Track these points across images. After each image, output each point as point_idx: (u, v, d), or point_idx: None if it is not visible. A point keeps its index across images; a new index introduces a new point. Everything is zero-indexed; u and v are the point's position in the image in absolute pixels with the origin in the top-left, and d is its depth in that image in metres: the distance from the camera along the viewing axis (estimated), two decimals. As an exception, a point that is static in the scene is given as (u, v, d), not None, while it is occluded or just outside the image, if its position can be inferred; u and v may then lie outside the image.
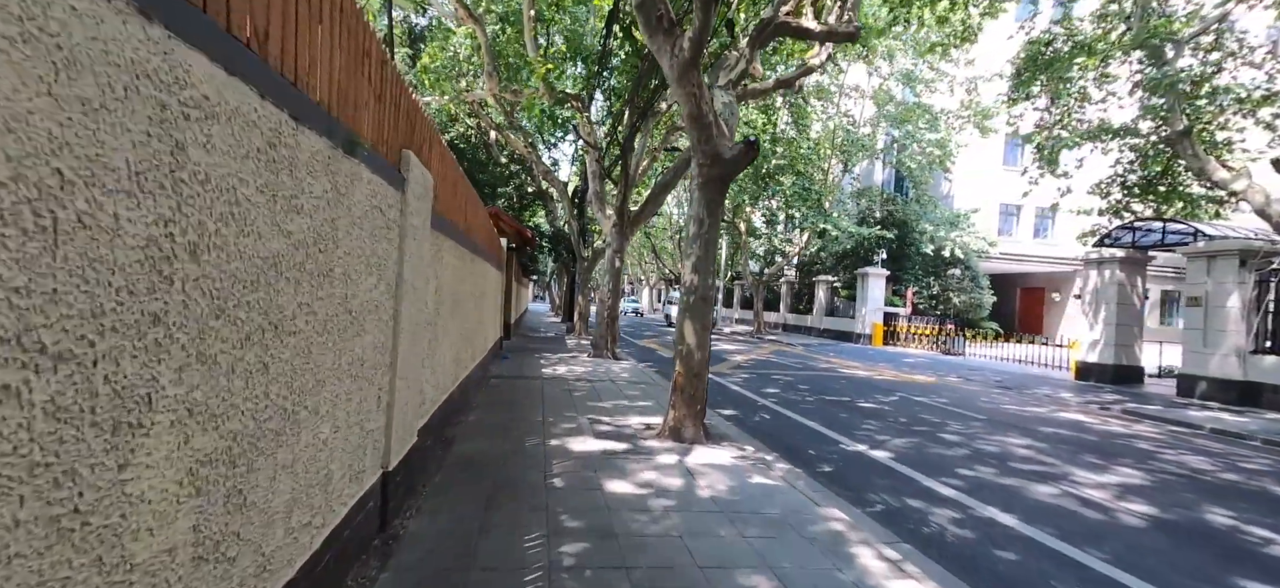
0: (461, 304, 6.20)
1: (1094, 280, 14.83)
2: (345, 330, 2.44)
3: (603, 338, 13.16)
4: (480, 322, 8.42)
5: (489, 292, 9.72)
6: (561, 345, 16.09)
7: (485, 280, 8.99)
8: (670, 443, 5.65)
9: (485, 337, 9.38)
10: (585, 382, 9.37)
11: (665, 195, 13.30)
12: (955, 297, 25.88)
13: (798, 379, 12.16)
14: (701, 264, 5.90)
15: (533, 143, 20.92)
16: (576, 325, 20.26)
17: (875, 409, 8.97)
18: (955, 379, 14.15)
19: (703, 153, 5.70)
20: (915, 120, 24.64)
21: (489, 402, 7.21)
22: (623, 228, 13.20)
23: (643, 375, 10.58)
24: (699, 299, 5.90)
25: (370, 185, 2.64)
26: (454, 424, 5.72)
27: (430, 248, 3.99)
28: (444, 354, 5.20)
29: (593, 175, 13.69)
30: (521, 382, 8.99)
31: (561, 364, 11.55)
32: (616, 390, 8.67)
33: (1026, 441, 7.28)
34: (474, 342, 7.68)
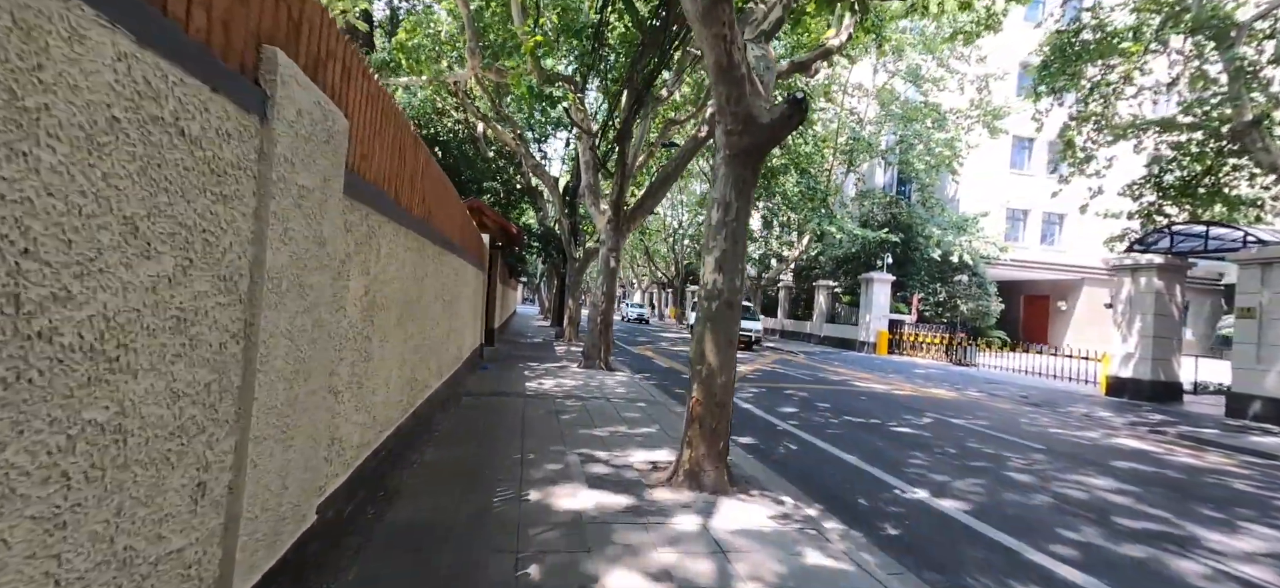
0: (419, 310, 4.86)
1: (1128, 288, 13.69)
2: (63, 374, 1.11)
3: (595, 346, 11.83)
4: (451, 331, 7.07)
5: (464, 294, 8.37)
6: (550, 353, 14.73)
7: (459, 281, 7.66)
8: (687, 494, 4.33)
9: (459, 346, 8.02)
10: (575, 400, 8.04)
11: (665, 189, 12.01)
12: (963, 304, 24.79)
13: (814, 396, 10.88)
14: (727, 261, 4.59)
15: (522, 135, 19.58)
16: (566, 331, 18.91)
17: (914, 436, 7.70)
18: (978, 395, 12.95)
19: (732, 116, 4.39)
20: (922, 119, 23.54)
21: (456, 430, 5.85)
22: (618, 224, 11.88)
23: (641, 390, 9.26)
24: (723, 305, 4.59)
25: (147, 75, 1.31)
26: (401, 468, 4.37)
27: (341, 225, 2.66)
28: (386, 378, 3.86)
29: (586, 166, 12.37)
30: (500, 400, 7.64)
31: (548, 377, 10.20)
32: (612, 412, 7.33)
33: (1107, 481, 6.03)
34: (441, 354, 6.33)
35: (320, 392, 2.48)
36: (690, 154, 11.60)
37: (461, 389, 8.08)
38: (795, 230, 29.55)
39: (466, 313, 8.88)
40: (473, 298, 9.86)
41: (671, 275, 49.29)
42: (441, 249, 5.82)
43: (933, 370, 18.56)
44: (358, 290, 3.10)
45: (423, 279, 4.95)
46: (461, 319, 8.22)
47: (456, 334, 7.69)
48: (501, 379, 9.50)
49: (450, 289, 6.78)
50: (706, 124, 11.23)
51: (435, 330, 5.85)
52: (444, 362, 6.67)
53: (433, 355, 5.78)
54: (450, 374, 7.25)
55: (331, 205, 2.45)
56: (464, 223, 7.88)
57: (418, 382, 5.04)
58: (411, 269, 4.47)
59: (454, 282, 7.06)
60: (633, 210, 12.03)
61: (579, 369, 11.51)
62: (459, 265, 7.48)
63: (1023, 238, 28.93)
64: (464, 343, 8.65)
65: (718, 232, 4.60)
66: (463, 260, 7.93)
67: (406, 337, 4.43)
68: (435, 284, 5.62)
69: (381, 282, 3.54)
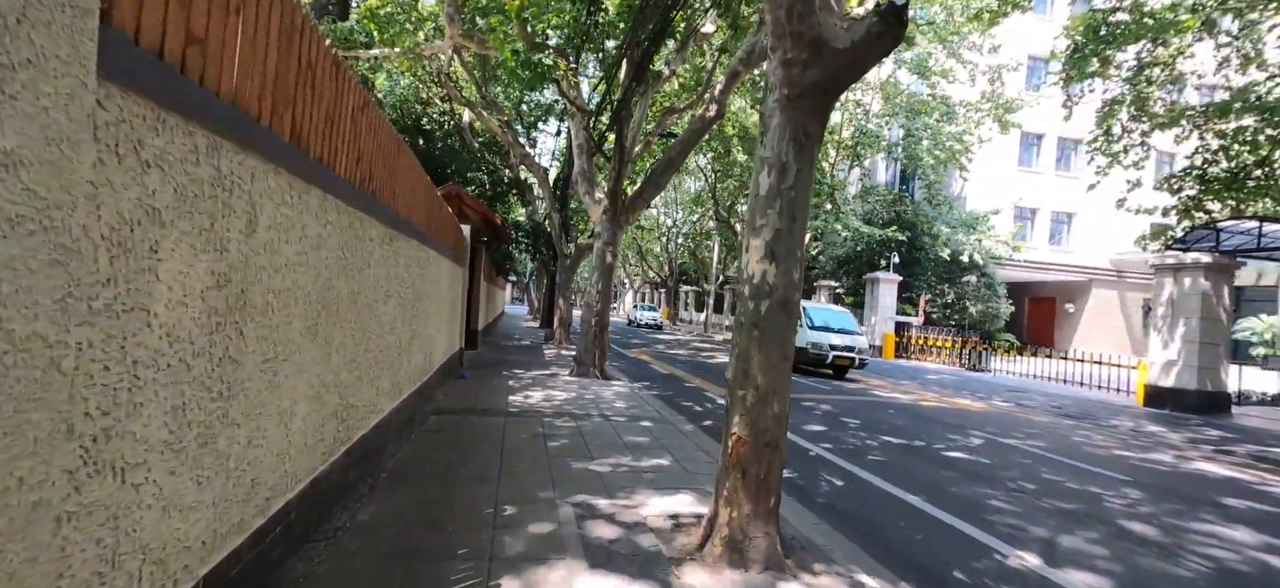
0: (355, 312, 3.54)
1: (1170, 290, 12.58)
2: None
3: (589, 352, 10.50)
4: (414, 337, 5.74)
5: (436, 292, 7.03)
6: (538, 358, 13.39)
7: (428, 275, 6.32)
8: (730, 575, 3.03)
9: (427, 355, 6.68)
10: (568, 418, 6.72)
11: (668, 177, 10.72)
12: (971, 306, 23.69)
13: (837, 408, 9.63)
14: (782, 245, 3.30)
15: (510, 123, 18.22)
16: (557, 333, 17.57)
17: (971, 463, 6.45)
18: (1006, 405, 11.76)
19: (793, 39, 3.10)
20: (930, 113, 22.40)
21: (411, 467, 4.52)
22: (615, 215, 10.57)
23: (643, 405, 7.96)
24: (776, 307, 3.30)
25: None
26: (312, 541, 3.04)
27: (90, 142, 1.33)
28: (283, 415, 2.54)
29: (579, 150, 11.05)
30: (476, 420, 6.30)
31: (536, 387, 8.87)
32: (613, 435, 6.02)
33: (1243, 532, 4.81)
34: (397, 368, 5.00)
35: (33, 481, 1.15)
36: (697, 136, 10.32)
37: (429, 406, 6.74)
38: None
39: (439, 314, 7.55)
40: (449, 296, 8.52)
41: (665, 275, 48.04)
42: (394, 232, 4.50)
43: (946, 376, 17.40)
44: (197, 280, 1.77)
45: (360, 270, 3.62)
46: (431, 322, 6.89)
47: (423, 341, 6.35)
48: (481, 391, 8.16)
49: (412, 284, 5.45)
50: (714, 103, 9.96)
51: (386, 338, 4.52)
52: (404, 376, 5.33)
53: (382, 371, 4.44)
54: (414, 389, 5.91)
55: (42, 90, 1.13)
56: (434, 205, 6.55)
57: (354, 410, 3.71)
58: (337, 253, 3.15)
59: (418, 276, 5.73)
60: (631, 200, 10.73)
61: (571, 378, 10.18)
62: (427, 257, 6.15)
63: (1031, 238, 27.91)
64: (435, 350, 7.30)
65: (769, 204, 3.30)
66: (432, 252, 6.60)
67: (328, 350, 3.11)
68: (383, 277, 4.29)
69: (260, 268, 2.21)
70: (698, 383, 11.72)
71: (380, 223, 4.05)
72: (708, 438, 6.32)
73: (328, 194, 2.94)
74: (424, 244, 5.97)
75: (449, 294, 8.74)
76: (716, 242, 34.88)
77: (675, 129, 19.56)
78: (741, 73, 9.76)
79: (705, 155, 23.74)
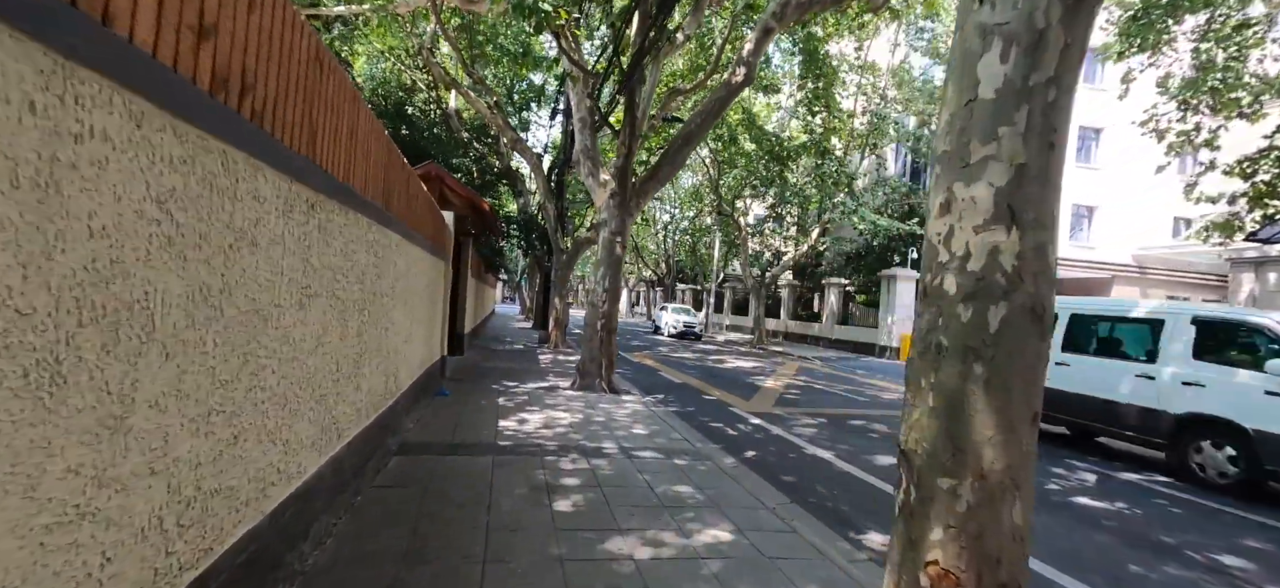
0: (235, 319, 1.92)
1: (1249, 287, 11.16)
2: None
3: (594, 360, 8.89)
4: (366, 353, 4.11)
5: (403, 290, 5.40)
6: (532, 365, 11.76)
7: (393, 267, 4.71)
8: None
9: (391, 373, 5.05)
10: (577, 455, 5.10)
11: (687, 153, 9.12)
12: (994, 304, 22.21)
13: (895, 430, 8.07)
14: (1028, 191, 1.71)
15: (499, 104, 16.56)
16: (552, 335, 15.94)
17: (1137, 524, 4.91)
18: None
19: None
20: (951, 98, 20.87)
21: (345, 561, 2.90)
22: (624, 200, 8.97)
23: (668, 429, 6.36)
24: (1020, 316, 1.70)
25: None
26: None
27: None
28: None
29: (581, 125, 9.43)
30: (454, 463, 4.68)
31: (533, 406, 7.24)
32: (643, 487, 4.42)
33: None
34: (335, 402, 3.38)
35: None
36: (722, 105, 8.72)
37: (394, 439, 5.10)
38: (797, 223, 26.85)
39: (412, 319, 5.91)
40: (426, 295, 6.88)
41: (662, 273, 46.43)
42: (318, 197, 2.88)
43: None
44: None
45: (224, 250, 1.99)
46: (397, 330, 5.25)
47: (383, 357, 4.72)
48: (464, 413, 6.52)
49: (361, 279, 3.83)
50: (742, 67, 8.37)
51: (307, 363, 2.90)
52: (349, 411, 3.71)
53: (298, 415, 2.82)
54: (370, 424, 4.29)
55: None
56: (401, 177, 4.92)
57: (254, 481, 2.09)
58: (194, 214, 1.53)
59: (372, 268, 4.10)
60: (643, 181, 9.11)
61: (573, 392, 8.56)
62: (387, 242, 4.53)
63: (1050, 232, 26.53)
64: (404, 366, 5.66)
65: (998, 118, 1.71)
66: (399, 238, 4.98)
67: (122, 400, 1.49)
68: (296, 266, 2.67)
69: None
70: (717, 395, 10.14)
71: (281, 176, 2.44)
72: (765, 483, 4.74)
73: (105, 79, 1.32)
74: (384, 226, 4.35)
75: (427, 293, 7.11)
76: (717, 238, 33.33)
77: (679, 114, 18.01)
78: (774, 29, 8.18)
79: (706, 146, 22.18)
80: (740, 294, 39.15)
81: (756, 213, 31.51)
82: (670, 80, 17.66)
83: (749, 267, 27.21)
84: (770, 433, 7.23)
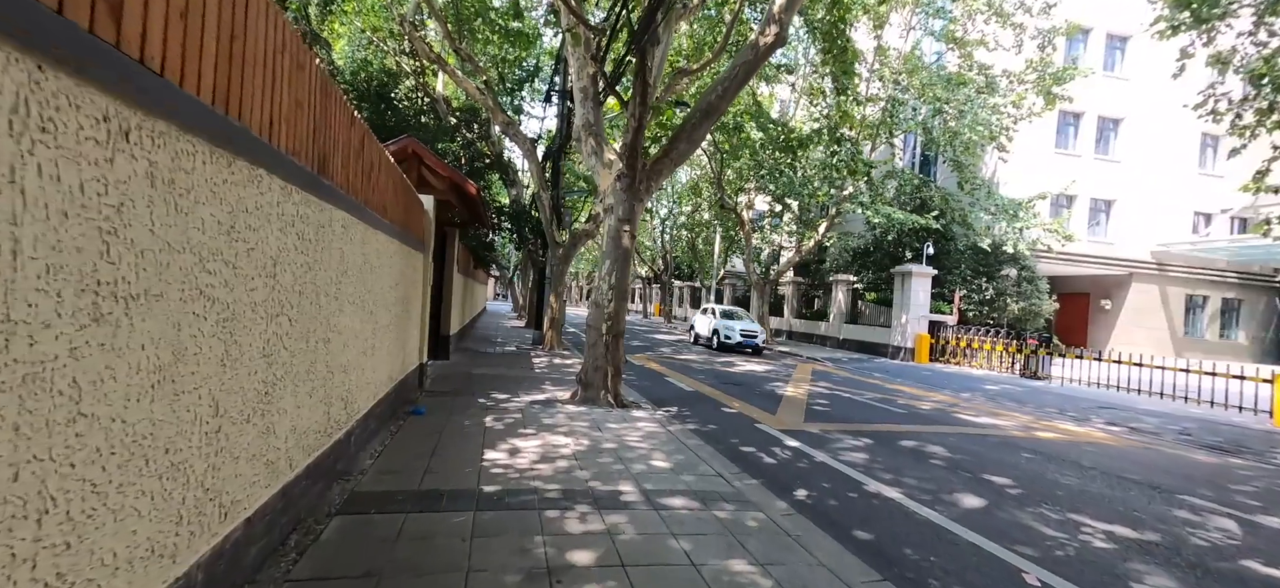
0: None
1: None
2: None
3: (599, 370, 7.61)
4: (294, 377, 2.81)
5: (361, 289, 4.10)
6: (526, 372, 10.46)
7: (343, 258, 3.44)
8: None
9: (343, 399, 3.76)
10: (587, 508, 3.83)
11: (707, 128, 7.85)
12: (1013, 303, 21.13)
13: (957, 454, 6.84)
14: None
15: (489, 84, 15.22)
16: (547, 336, 14.65)
17: None
18: (1117, 430, 9.10)
19: None
20: (969, 85, 19.67)
21: None
22: (634, 182, 7.69)
23: (695, 461, 5.10)
24: None
25: None
26: None
27: None
28: None
29: (582, 96, 8.13)
30: (417, 525, 3.39)
31: (527, 427, 5.96)
32: (690, 576, 3.13)
33: None
34: (231, 460, 2.07)
35: None
36: (748, 72, 7.44)
37: (337, 486, 3.80)
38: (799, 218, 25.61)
39: (376, 324, 4.61)
40: (396, 294, 5.57)
41: (659, 269, 45.15)
42: (200, 147, 1.58)
43: (1005, 386, 14.78)
44: None
45: None
46: (354, 341, 3.97)
47: (327, 379, 3.43)
48: (441, 440, 5.23)
49: (284, 274, 2.56)
50: (773, 25, 7.10)
51: (166, 406, 1.60)
52: (246, 471, 2.41)
53: (146, 490, 1.52)
54: (295, 476, 3.00)
55: None
56: (356, 140, 3.63)
57: None
58: None
59: (299, 258, 2.81)
60: (656, 160, 7.83)
61: (575, 408, 7.28)
62: (333, 224, 3.25)
63: (1066, 226, 25.45)
64: (358, 386, 4.36)
65: None
66: (354, 220, 3.71)
67: None
68: (134, 246, 1.36)
69: None
70: (738, 407, 8.89)
71: (126, 107, 1.14)
72: (842, 551, 3.49)
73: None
74: (321, 199, 3.07)
75: (399, 291, 5.81)
76: (717, 233, 32.08)
77: (685, 98, 16.73)
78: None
79: (708, 138, 20.92)
80: (740, 292, 37.92)
81: (759, 207, 30.28)
82: (674, 59, 16.38)
83: (752, 263, 25.99)
84: (814, 460, 5.98)
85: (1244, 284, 26.89)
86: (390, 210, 5.25)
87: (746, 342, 19.16)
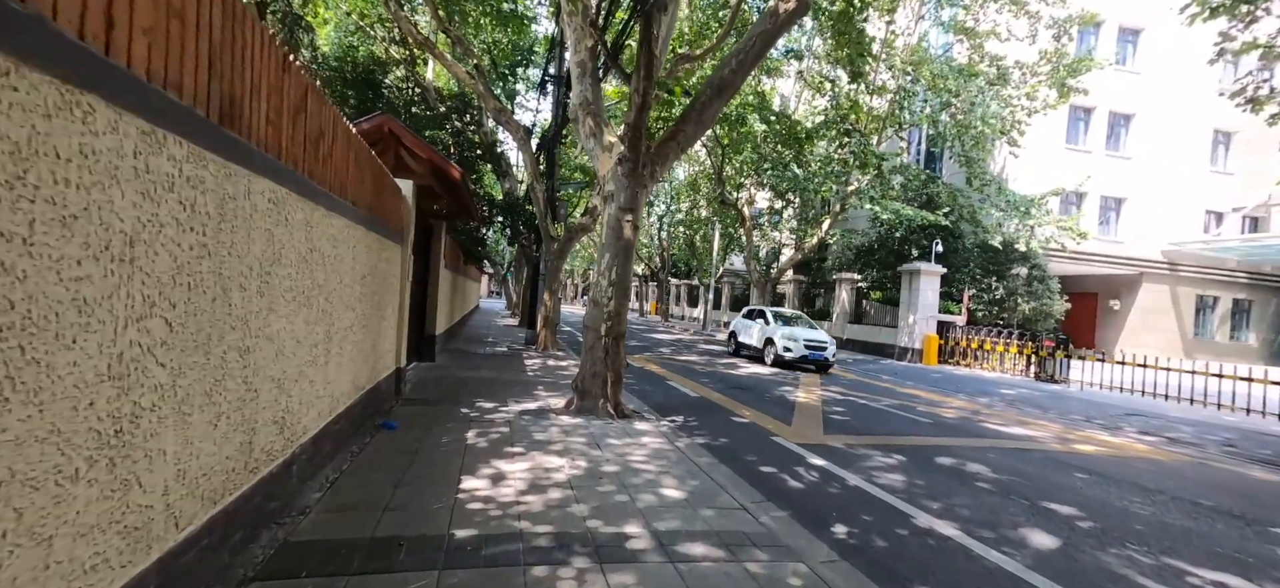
0: None
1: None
2: None
3: (598, 377, 6.80)
4: (179, 419, 1.98)
5: (308, 284, 3.27)
6: (518, 376, 9.64)
7: (284, 241, 2.62)
8: None
9: (270, 425, 2.92)
10: (585, 562, 3.02)
11: (719, 107, 7.02)
12: (1024, 303, 20.43)
13: (1003, 475, 6.06)
14: None
15: (479, 67, 14.37)
16: (541, 336, 13.83)
17: None
18: (1154, 441, 8.37)
19: None
20: (980, 77, 18.91)
21: None
22: (637, 166, 6.87)
23: (710, 487, 4.30)
24: None
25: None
26: None
27: None
28: None
29: (580, 71, 7.31)
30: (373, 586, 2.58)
31: (514, 446, 5.14)
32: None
33: None
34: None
35: None
36: (767, 43, 6.64)
37: (265, 536, 2.97)
38: (800, 215, 24.87)
39: (329, 326, 3.77)
40: (366, 290, 4.73)
41: (656, 267, 44.31)
42: None
43: (1028, 391, 14.05)
44: None
45: None
46: (291, 347, 3.13)
47: (269, 395, 2.60)
48: (412, 464, 4.41)
49: (161, 256, 1.69)
50: (794, -9, 6.29)
51: None
52: (84, 554, 1.58)
53: None
54: (179, 542, 2.17)
55: None
56: (285, 84, 2.80)
57: None
58: None
59: (195, 239, 1.97)
60: (663, 142, 7.01)
61: (570, 419, 6.46)
62: (252, 196, 2.41)
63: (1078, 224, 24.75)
64: (302, 405, 3.52)
65: None
66: (297, 197, 2.90)
67: None
68: None
69: None
70: (749, 416, 8.10)
71: None
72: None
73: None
74: (243, 166, 2.25)
75: (366, 287, 4.98)
76: (716, 230, 31.29)
77: (686, 84, 15.90)
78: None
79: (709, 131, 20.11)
80: (739, 290, 37.15)
81: (759, 204, 29.48)
82: (676, 44, 15.55)
83: (752, 261, 25.21)
84: (847, 484, 5.19)
85: (1255, 285, 26.29)
86: (353, 191, 4.43)
87: (813, 356, 14.77)
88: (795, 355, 14.76)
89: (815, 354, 14.79)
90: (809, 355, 14.72)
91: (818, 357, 14.82)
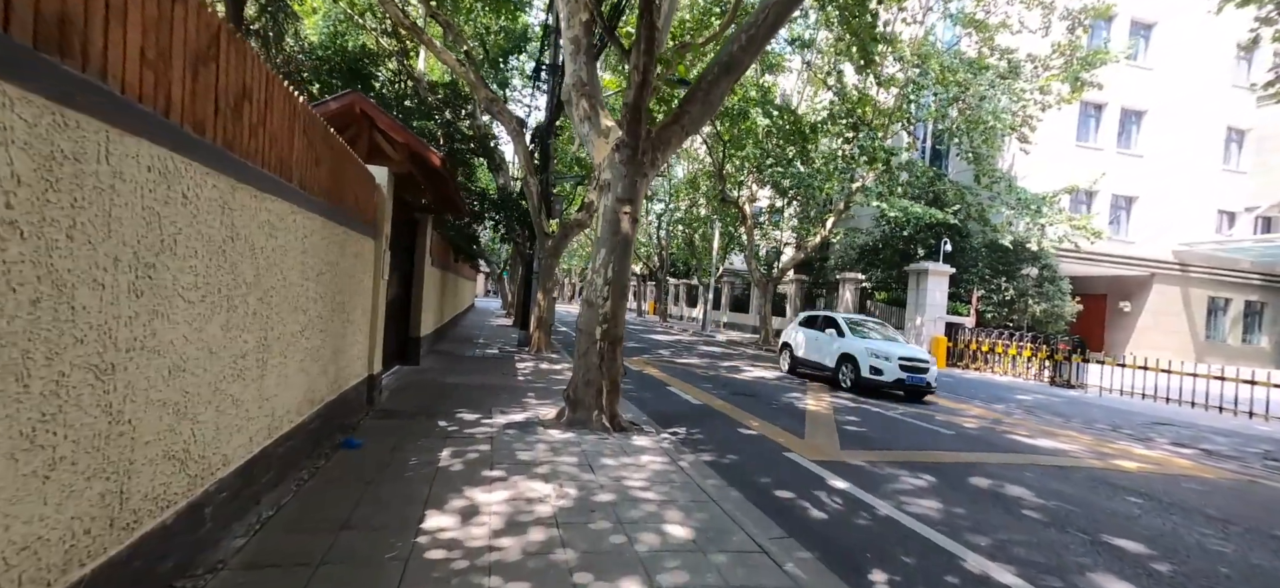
0: None
1: None
2: None
3: (592, 385, 6.11)
4: None
5: (233, 280, 2.58)
6: (507, 381, 8.95)
7: (185, 226, 1.88)
8: None
9: (179, 458, 2.23)
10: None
11: (725, 89, 6.34)
12: (1034, 304, 19.80)
13: (1048, 499, 5.39)
14: None
15: (470, 54, 13.68)
16: (534, 337, 13.15)
17: None
18: (1218, 464, 7.74)
19: None
20: (991, 70, 18.25)
21: None
22: (636, 153, 6.19)
23: (735, 530, 3.62)
24: None
25: None
26: None
27: None
28: None
29: (574, 48, 6.63)
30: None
31: (493, 469, 4.46)
32: None
33: None
34: None
35: None
36: (781, 17, 5.97)
37: None
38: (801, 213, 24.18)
39: (267, 330, 3.06)
40: (325, 287, 4.04)
41: (653, 266, 43.61)
42: None
43: (1044, 397, 13.41)
44: None
45: None
46: (221, 360, 2.43)
47: (152, 426, 1.89)
48: (367, 496, 3.73)
49: (12, 243, 0.97)
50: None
51: None
52: None
53: None
54: None
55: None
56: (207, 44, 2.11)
57: None
58: None
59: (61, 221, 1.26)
60: (665, 126, 6.33)
61: (560, 434, 5.78)
62: (173, 178, 1.70)
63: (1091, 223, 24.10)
64: (232, 430, 2.81)
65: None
66: (222, 178, 2.18)
67: None
68: None
69: None
70: (758, 427, 7.42)
71: None
72: None
73: None
74: (94, 117, 1.53)
75: (323, 284, 4.29)
76: (716, 229, 30.61)
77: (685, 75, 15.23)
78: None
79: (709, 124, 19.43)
80: (739, 290, 36.49)
81: (760, 202, 28.80)
82: (677, 32, 14.88)
83: (753, 260, 24.54)
84: (877, 513, 4.51)
85: (1267, 286, 25.69)
86: (302, 172, 3.74)
87: (911, 380, 11.03)
88: (889, 378, 11.05)
89: (915, 378, 11.02)
90: (905, 379, 11.00)
91: (917, 381, 11.04)
